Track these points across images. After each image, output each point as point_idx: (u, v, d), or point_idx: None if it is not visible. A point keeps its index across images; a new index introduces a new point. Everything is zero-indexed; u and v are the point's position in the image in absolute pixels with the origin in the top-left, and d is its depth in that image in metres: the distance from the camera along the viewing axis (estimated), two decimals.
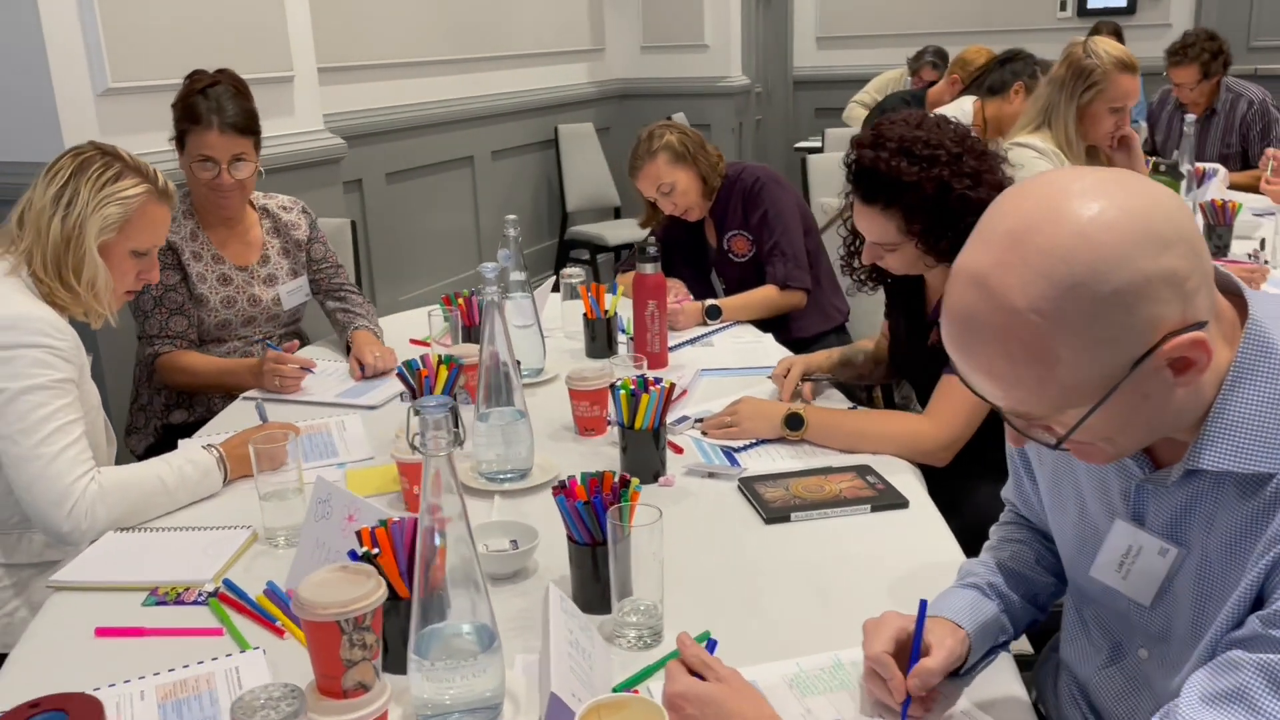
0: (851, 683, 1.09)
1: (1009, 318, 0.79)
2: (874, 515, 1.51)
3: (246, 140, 2.18)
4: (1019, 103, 3.52)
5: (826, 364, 2.03)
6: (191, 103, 2.16)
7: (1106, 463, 0.89)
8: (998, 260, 0.80)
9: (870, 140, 1.71)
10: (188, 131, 2.16)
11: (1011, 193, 0.85)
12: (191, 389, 2.24)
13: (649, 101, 6.46)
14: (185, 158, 2.19)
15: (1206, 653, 0.86)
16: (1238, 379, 0.83)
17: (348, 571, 0.98)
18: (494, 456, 1.63)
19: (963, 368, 0.86)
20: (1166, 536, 0.91)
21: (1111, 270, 0.77)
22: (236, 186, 2.19)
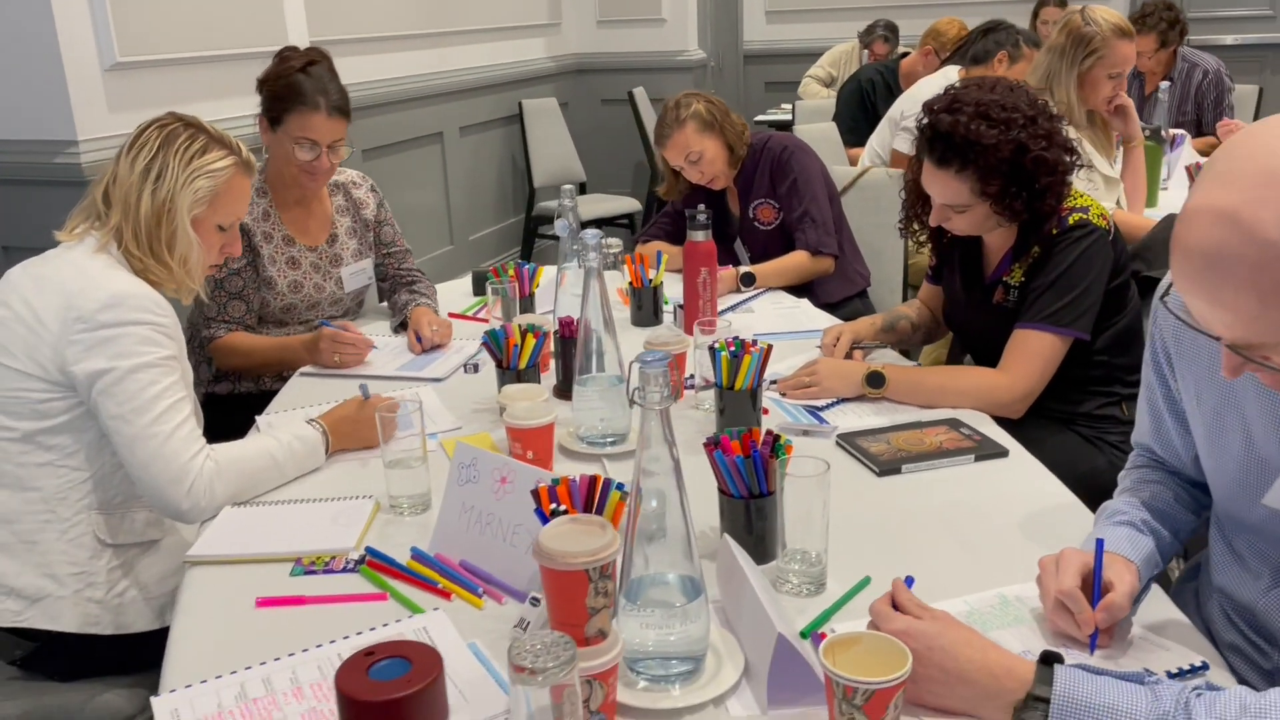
0: (1025, 616, 1.16)
1: (1263, 251, 0.84)
2: (977, 464, 1.57)
3: (345, 125, 2.16)
4: (1002, 71, 3.63)
5: (871, 331, 2.08)
6: (295, 82, 2.11)
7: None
8: (1250, 197, 0.85)
9: (947, 105, 1.77)
10: (289, 110, 2.11)
11: (1251, 133, 0.90)
12: (247, 370, 2.21)
13: (607, 76, 6.46)
14: (277, 137, 2.14)
15: None
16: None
17: (579, 524, 1.00)
18: (597, 421, 1.65)
19: (1197, 302, 0.91)
20: None
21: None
22: (330, 171, 2.16)
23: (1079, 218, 1.79)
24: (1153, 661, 1.06)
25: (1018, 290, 1.85)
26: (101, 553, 1.52)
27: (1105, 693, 0.91)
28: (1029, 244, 1.83)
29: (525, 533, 1.27)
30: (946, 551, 1.34)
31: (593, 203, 5.62)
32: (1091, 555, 1.11)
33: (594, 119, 6.46)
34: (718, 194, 2.75)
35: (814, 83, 6.56)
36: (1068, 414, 1.89)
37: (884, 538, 1.38)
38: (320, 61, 2.13)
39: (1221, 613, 1.20)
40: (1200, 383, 1.15)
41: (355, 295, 2.38)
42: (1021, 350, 1.79)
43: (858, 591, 1.23)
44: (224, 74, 3.02)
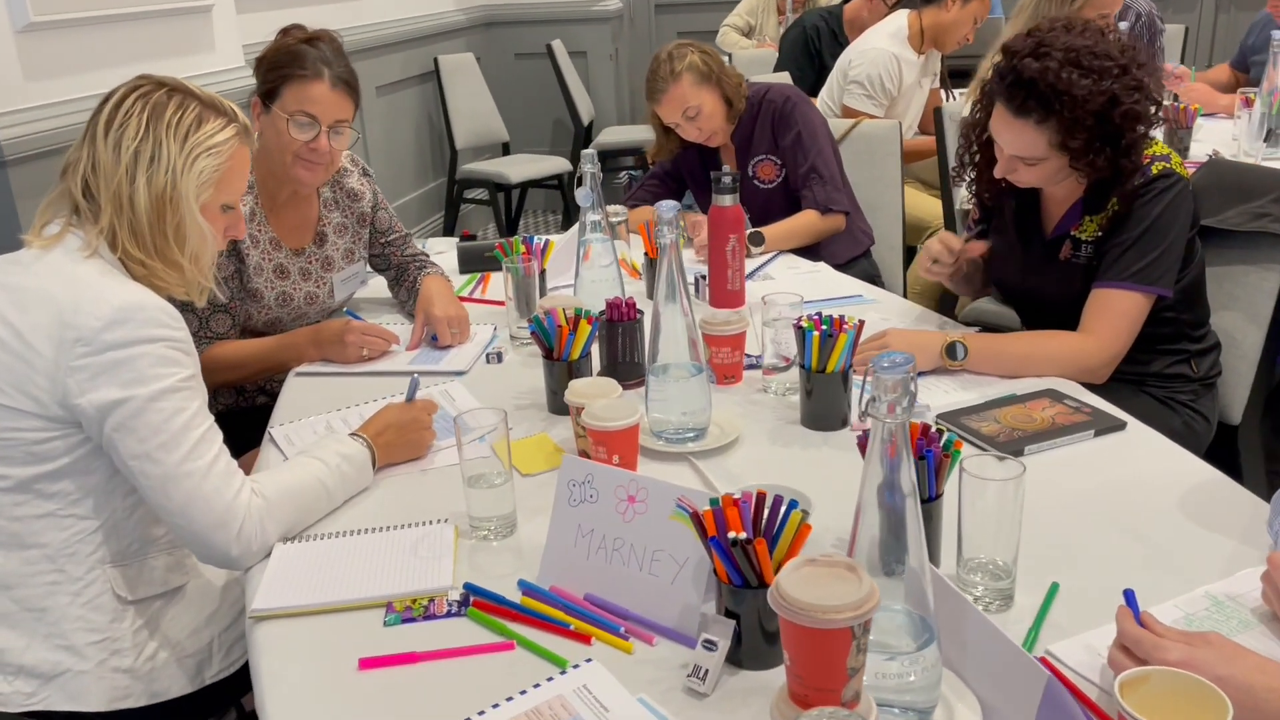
0: (1250, 620, 1.05)
1: None
2: (1097, 439, 1.46)
3: (351, 104, 1.86)
4: (955, 11, 3.52)
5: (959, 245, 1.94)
6: (297, 50, 1.80)
7: None
8: None
9: (1032, 49, 1.63)
10: (287, 81, 1.79)
11: None
12: (239, 383, 1.94)
13: (521, 29, 6.16)
14: (272, 117, 1.81)
15: None
16: None
17: (820, 566, 0.84)
18: (679, 415, 1.48)
19: None
20: None
21: None
22: (329, 158, 1.84)
23: (1162, 166, 1.68)
24: None
25: (1092, 246, 1.75)
26: (124, 612, 1.28)
27: None
28: (1105, 196, 1.71)
29: (670, 560, 1.10)
30: (1112, 544, 1.22)
31: (520, 164, 5.35)
32: None
33: (509, 74, 6.16)
34: (712, 152, 2.58)
35: (732, 32, 6.40)
36: (1138, 375, 1.80)
37: (1033, 532, 1.25)
38: (327, 40, 1.84)
39: None
40: None
41: (343, 304, 2.10)
42: (1107, 310, 1.69)
43: (1051, 601, 1.10)
44: (155, 33, 2.68)
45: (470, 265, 2.37)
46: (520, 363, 1.86)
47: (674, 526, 1.07)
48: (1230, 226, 1.89)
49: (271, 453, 1.54)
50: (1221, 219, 1.90)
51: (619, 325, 1.69)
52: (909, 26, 3.58)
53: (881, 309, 2.04)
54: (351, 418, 1.62)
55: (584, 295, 1.90)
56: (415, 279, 2.06)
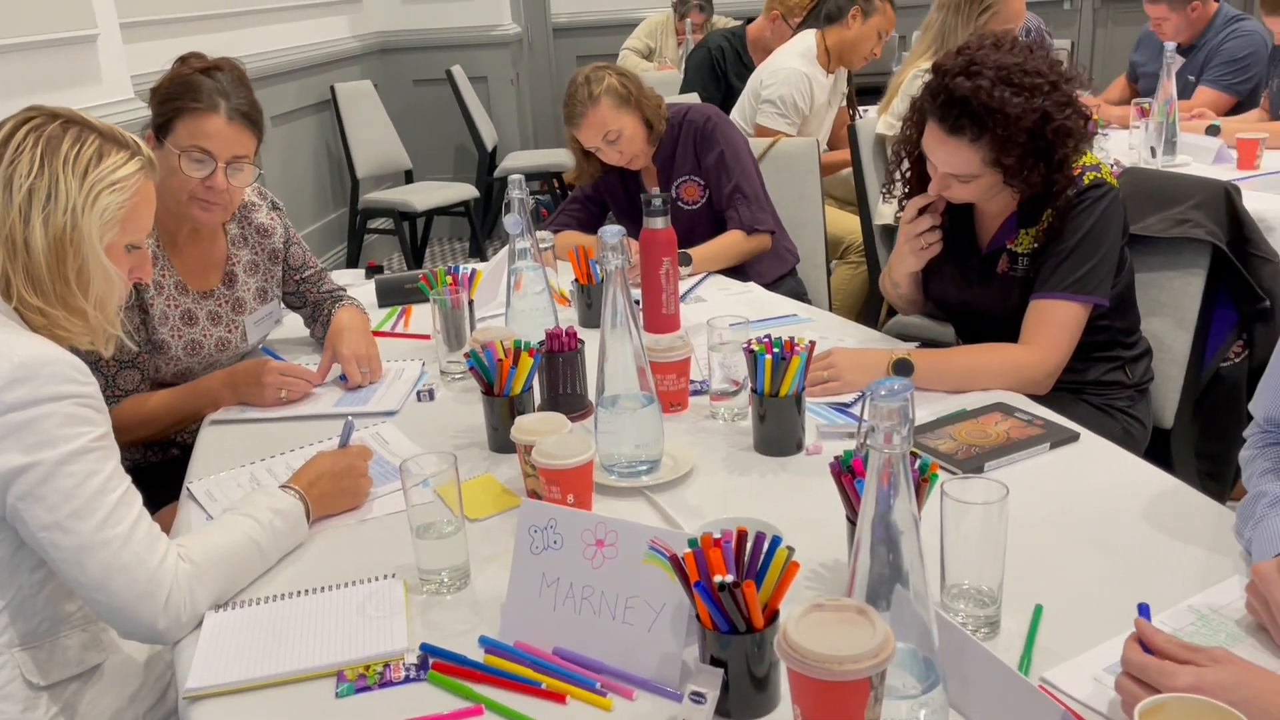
0: (1237, 632, 1.03)
1: None
2: (1053, 452, 1.45)
3: (251, 139, 1.72)
4: (857, 28, 3.56)
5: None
6: (192, 80, 1.66)
7: None
8: None
9: (963, 68, 1.62)
10: (180, 114, 1.66)
11: None
12: (151, 439, 1.79)
13: (418, 55, 6.05)
14: (165, 152, 1.67)
15: None
16: None
17: (828, 611, 0.78)
18: (631, 448, 1.41)
19: None
20: None
21: None
22: (226, 197, 1.71)
23: (1093, 176, 1.70)
24: None
25: (1028, 258, 1.75)
26: (36, 700, 1.15)
27: None
28: (1039, 209, 1.72)
29: (645, 606, 1.03)
30: (1086, 561, 1.20)
31: (424, 192, 5.23)
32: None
33: (409, 101, 6.03)
34: (633, 175, 2.53)
35: (632, 55, 6.42)
36: (1077, 384, 1.81)
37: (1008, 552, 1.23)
38: (227, 70, 1.72)
39: None
40: None
41: (255, 346, 1.97)
42: (1046, 322, 1.69)
43: (1038, 625, 1.07)
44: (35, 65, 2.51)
45: (390, 298, 2.27)
46: (454, 399, 1.77)
47: (647, 571, 1.01)
48: (1154, 233, 1.92)
49: (192, 511, 1.42)
50: (1145, 226, 1.94)
51: (559, 356, 1.63)
52: (816, 46, 3.61)
53: (818, 327, 2.01)
54: (277, 467, 1.52)
55: (516, 325, 1.83)
56: (331, 314, 1.95)
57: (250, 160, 1.73)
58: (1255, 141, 2.97)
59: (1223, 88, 3.78)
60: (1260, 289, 1.87)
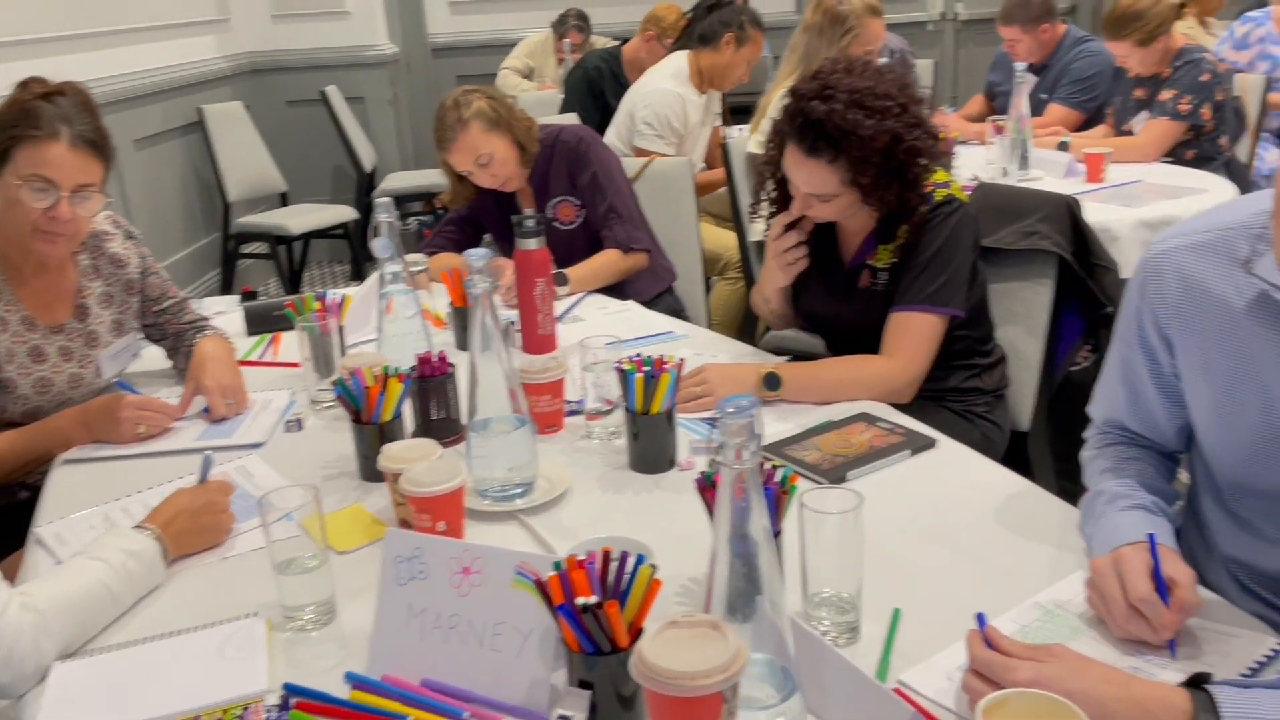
0: (1079, 626, 1.08)
1: None
2: (913, 458, 1.50)
3: (98, 166, 1.64)
4: (730, 54, 3.64)
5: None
6: (31, 107, 1.58)
7: None
8: None
9: (818, 91, 1.68)
10: (19, 142, 1.57)
11: None
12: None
13: (291, 75, 5.91)
14: (4, 181, 1.59)
15: None
16: None
17: (682, 628, 0.79)
18: (504, 472, 1.41)
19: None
20: None
21: None
22: (71, 228, 1.63)
23: (944, 194, 1.77)
24: (1232, 650, 1.02)
25: (887, 273, 1.81)
26: None
27: (1269, 708, 0.84)
28: (895, 225, 1.79)
29: (513, 632, 1.03)
30: (942, 563, 1.25)
31: (300, 214, 5.12)
32: (1146, 552, 1.05)
33: (282, 122, 5.89)
34: (508, 196, 2.53)
35: (512, 74, 6.41)
36: (937, 392, 1.88)
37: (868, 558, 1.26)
38: (70, 94, 1.64)
39: (1235, 582, 1.20)
40: (1209, 354, 1.13)
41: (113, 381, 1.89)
42: (906, 333, 1.75)
43: (896, 628, 1.11)
44: None
45: (259, 326, 2.21)
46: (324, 428, 1.73)
47: (515, 596, 1.01)
48: (1004, 245, 2.02)
49: (40, 556, 1.35)
50: (996, 239, 2.03)
51: (431, 381, 1.61)
52: (688, 67, 3.67)
53: (693, 344, 2.04)
54: (134, 507, 1.45)
55: (389, 351, 1.80)
56: (194, 345, 1.89)
57: (97, 189, 1.67)
58: (1101, 156, 3.15)
59: (1072, 105, 3.99)
60: (1103, 296, 1.98)
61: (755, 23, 3.77)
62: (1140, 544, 1.06)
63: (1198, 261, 1.11)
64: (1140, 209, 2.80)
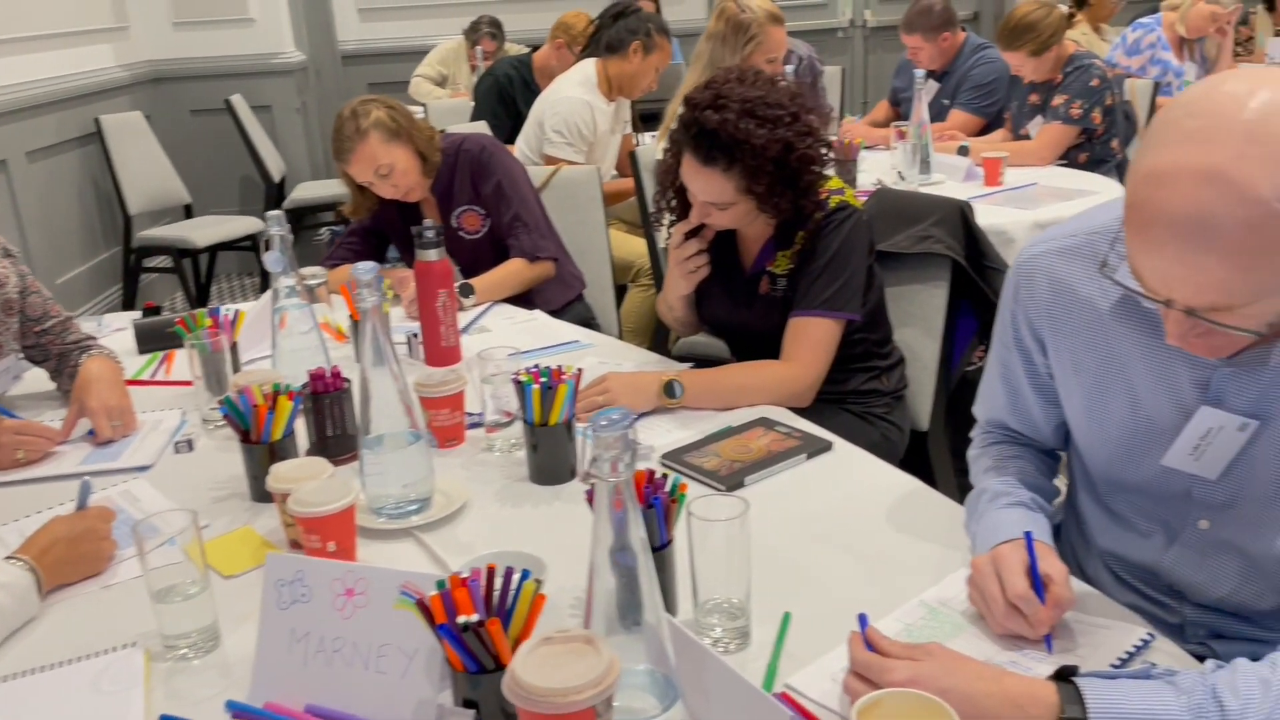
0: (961, 623, 1.11)
1: (1254, 209, 0.82)
2: (810, 462, 1.52)
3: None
4: (638, 62, 3.64)
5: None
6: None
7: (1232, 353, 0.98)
8: (1235, 153, 0.83)
9: (710, 101, 1.69)
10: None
11: (1213, 89, 0.87)
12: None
13: (194, 84, 5.76)
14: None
15: None
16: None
17: (555, 644, 0.79)
18: (399, 488, 1.39)
19: (1169, 266, 0.88)
20: (1248, 413, 1.03)
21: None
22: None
23: (838, 200, 1.80)
24: (1103, 642, 1.05)
25: (786, 279, 1.84)
26: None
27: (1134, 698, 0.87)
28: (792, 232, 1.81)
29: (398, 653, 1.01)
30: (833, 565, 1.26)
31: (205, 227, 4.98)
32: (1023, 549, 1.08)
33: (186, 132, 5.74)
34: (412, 207, 2.50)
35: (425, 82, 6.36)
36: (838, 395, 1.91)
37: (763, 563, 1.27)
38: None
39: (1111, 575, 1.23)
40: (1079, 354, 1.16)
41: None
42: (804, 338, 1.78)
43: (786, 632, 1.12)
44: None
45: (151, 343, 2.14)
46: (216, 448, 1.69)
47: (400, 616, 0.99)
48: (900, 249, 2.06)
49: None
50: (893, 243, 2.07)
51: (325, 397, 1.58)
52: (596, 75, 3.67)
53: (599, 353, 2.04)
54: (10, 536, 1.40)
55: (284, 367, 1.76)
56: (79, 365, 1.82)
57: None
58: (998, 160, 3.23)
59: (972, 110, 4.10)
60: (995, 297, 2.02)
61: (662, 30, 3.78)
62: (1018, 541, 1.09)
63: (1066, 265, 1.15)
64: (1035, 211, 2.88)
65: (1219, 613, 1.14)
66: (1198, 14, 4.37)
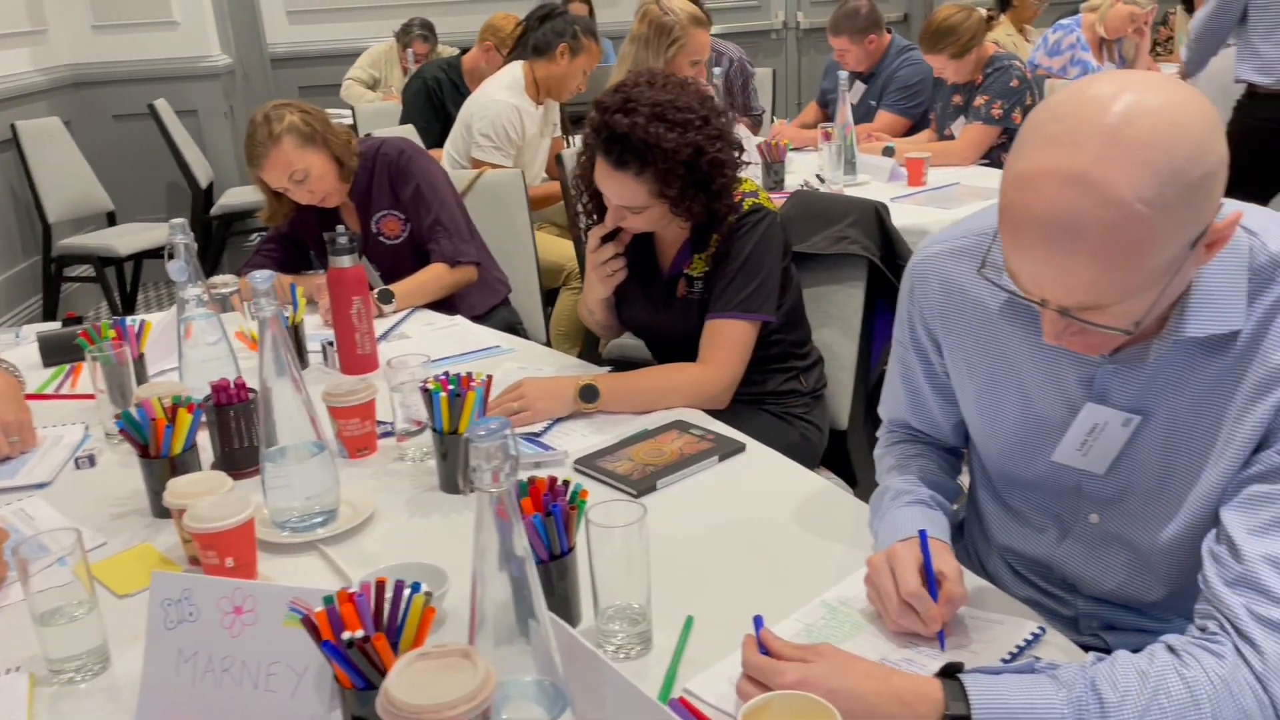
0: (860, 621, 1.11)
1: (1117, 211, 0.84)
2: (722, 464, 1.53)
3: None
4: (565, 64, 3.63)
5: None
6: None
7: (1109, 351, 1.00)
8: (1098, 156, 0.84)
9: (621, 104, 1.68)
10: None
11: (1076, 94, 0.88)
12: None
13: (116, 88, 5.63)
14: None
15: (1202, 499, 1.01)
16: None
17: (431, 659, 0.77)
18: (303, 501, 1.36)
19: (1039, 268, 0.89)
20: (1131, 408, 1.05)
21: (1201, 154, 0.85)
22: None
23: (752, 202, 1.81)
24: (996, 637, 1.07)
25: (702, 281, 1.84)
26: None
27: (1017, 693, 0.88)
28: (708, 234, 1.82)
29: (288, 671, 0.99)
30: (739, 567, 1.27)
31: (129, 235, 4.87)
32: (917, 547, 1.09)
33: (108, 138, 5.60)
34: (331, 212, 2.46)
35: (356, 85, 6.29)
36: (756, 395, 1.91)
37: (670, 566, 1.27)
38: None
39: (1009, 569, 1.25)
40: (971, 354, 1.18)
41: None
42: (719, 340, 1.78)
43: (687, 636, 1.12)
44: None
45: (56, 356, 2.08)
46: (119, 463, 1.64)
47: (290, 634, 0.97)
48: (818, 250, 2.07)
49: None
50: (810, 244, 2.08)
51: (229, 409, 1.54)
52: (524, 78, 3.65)
53: (519, 358, 2.03)
54: None
55: (191, 379, 1.73)
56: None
57: None
58: (921, 160, 3.28)
59: (898, 111, 4.15)
60: None
61: (589, 32, 3.77)
62: (913, 539, 1.10)
63: (956, 266, 1.16)
64: (957, 210, 2.93)
65: (1110, 605, 1.16)
66: (1116, 15, 4.47)
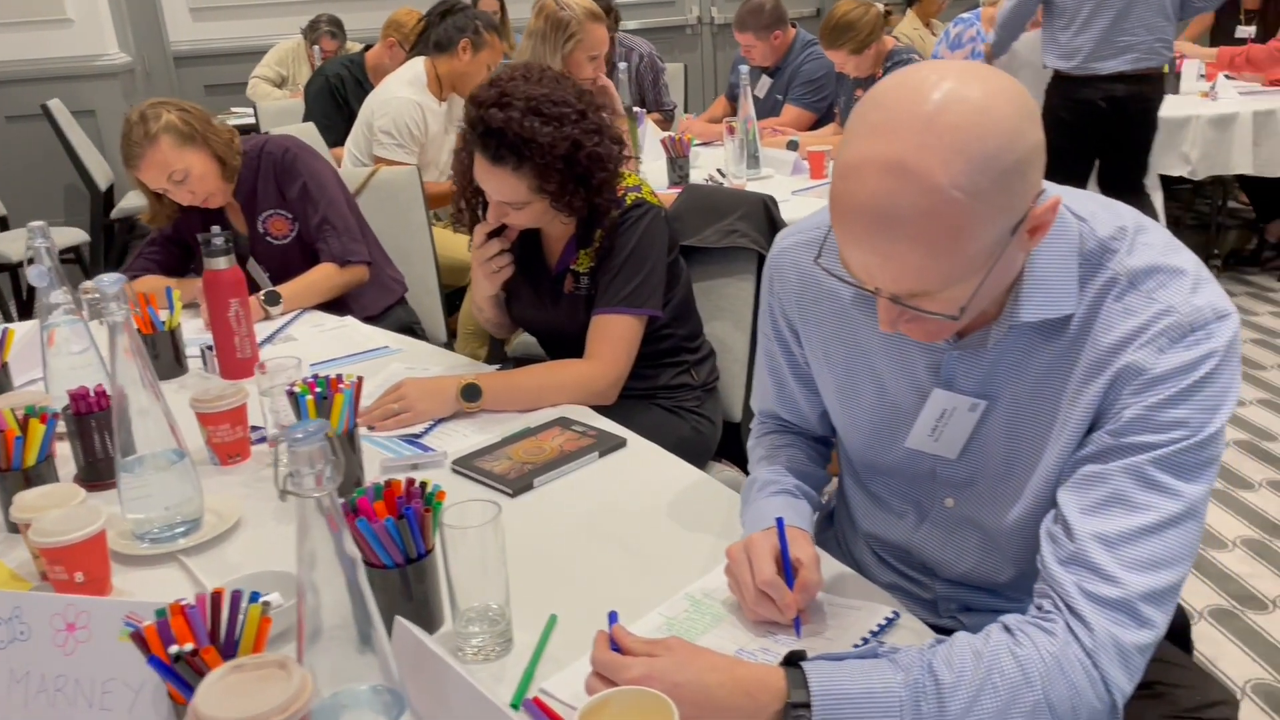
0: (721, 613, 1.11)
1: (933, 197, 0.84)
2: (602, 460, 1.52)
3: None
4: (467, 60, 3.58)
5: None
6: None
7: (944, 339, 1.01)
8: (914, 144, 0.85)
9: (496, 99, 1.66)
10: None
11: (895, 85, 0.89)
12: None
13: (8, 88, 5.44)
14: None
15: (1044, 481, 1.03)
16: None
17: (246, 670, 0.75)
18: (162, 511, 1.32)
19: (866, 256, 0.90)
20: (976, 394, 1.07)
21: (1014, 141, 0.86)
22: None
23: (635, 197, 1.80)
24: (851, 623, 1.08)
25: (588, 277, 1.83)
26: None
27: (856, 678, 0.89)
28: (592, 230, 1.80)
29: (124, 688, 0.95)
30: (608, 563, 1.26)
31: (23, 240, 4.68)
32: (775, 536, 1.09)
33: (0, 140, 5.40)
34: (216, 212, 2.39)
35: (263, 83, 6.14)
36: (647, 390, 1.91)
37: (541, 565, 1.26)
38: None
39: (874, 555, 1.26)
40: (828, 343, 1.18)
41: None
42: (605, 336, 1.77)
43: (549, 635, 1.11)
44: None
45: None
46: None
47: (125, 650, 0.94)
48: (708, 244, 2.08)
49: None
50: (701, 238, 2.09)
51: (90, 418, 1.49)
52: (426, 74, 3.59)
53: (406, 358, 2.00)
54: None
55: (56, 388, 1.66)
56: None
57: None
58: (822, 154, 3.31)
59: (804, 105, 4.19)
60: None
61: (492, 26, 3.73)
62: (772, 529, 1.10)
63: (811, 257, 1.17)
64: None
65: (966, 587, 1.18)
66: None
